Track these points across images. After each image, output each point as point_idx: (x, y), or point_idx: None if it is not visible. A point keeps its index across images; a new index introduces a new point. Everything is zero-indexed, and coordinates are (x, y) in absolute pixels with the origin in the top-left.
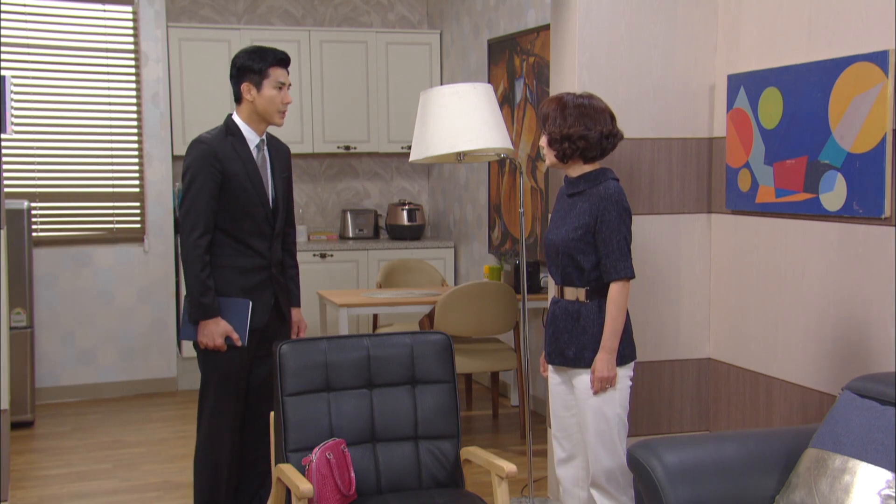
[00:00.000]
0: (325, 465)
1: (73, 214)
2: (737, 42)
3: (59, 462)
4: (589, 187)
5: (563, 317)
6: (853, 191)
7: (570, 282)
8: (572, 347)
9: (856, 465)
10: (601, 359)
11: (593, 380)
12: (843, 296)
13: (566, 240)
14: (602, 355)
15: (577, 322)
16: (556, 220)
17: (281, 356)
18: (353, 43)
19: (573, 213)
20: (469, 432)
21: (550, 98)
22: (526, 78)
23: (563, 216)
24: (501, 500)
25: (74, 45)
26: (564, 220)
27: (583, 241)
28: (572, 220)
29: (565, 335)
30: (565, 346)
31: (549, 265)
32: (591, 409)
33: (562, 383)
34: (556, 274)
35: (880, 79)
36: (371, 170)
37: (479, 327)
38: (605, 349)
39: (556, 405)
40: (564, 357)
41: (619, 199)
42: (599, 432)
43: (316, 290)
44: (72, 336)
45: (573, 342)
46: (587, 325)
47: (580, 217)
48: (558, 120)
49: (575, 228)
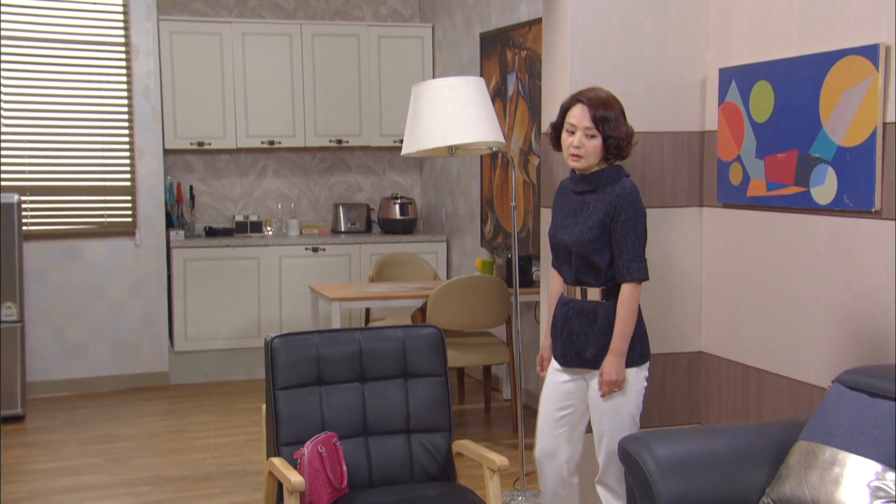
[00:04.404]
0: (317, 458)
1: (64, 208)
2: (728, 36)
3: (50, 456)
4: (604, 185)
5: (579, 318)
6: (844, 184)
7: (585, 282)
8: (590, 349)
9: (845, 457)
10: (610, 362)
11: (601, 383)
12: (833, 289)
13: (581, 240)
14: (611, 358)
15: (595, 323)
16: (563, 218)
17: (272, 350)
18: (344, 36)
19: (586, 212)
20: (461, 426)
21: (602, 97)
22: (518, 71)
23: (573, 215)
24: (493, 493)
25: (64, 37)
26: (576, 218)
27: (599, 240)
28: (586, 220)
29: (581, 337)
30: (582, 347)
31: (557, 264)
32: (608, 409)
33: (569, 382)
34: (568, 274)
35: (871, 72)
36: (363, 163)
37: (471, 321)
38: (615, 352)
39: (548, 399)
40: (582, 359)
41: (636, 197)
42: (613, 433)
43: (308, 284)
44: (62, 330)
45: (591, 343)
46: (606, 325)
47: (595, 216)
48: (620, 122)
49: (590, 228)
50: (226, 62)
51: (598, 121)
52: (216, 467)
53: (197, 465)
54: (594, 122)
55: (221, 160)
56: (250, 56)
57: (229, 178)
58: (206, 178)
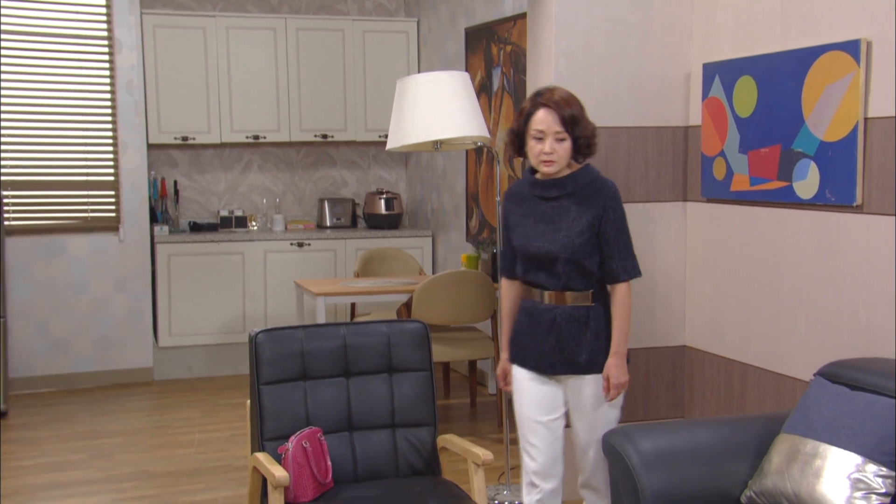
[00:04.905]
0: (302, 453)
1: (47, 203)
2: (712, 31)
3: (34, 452)
4: (580, 186)
5: (569, 324)
6: (826, 179)
7: (574, 287)
8: (583, 354)
9: (826, 449)
10: (615, 364)
11: (607, 387)
12: (815, 283)
13: (571, 246)
14: (615, 361)
15: (587, 328)
16: (532, 226)
17: (257, 345)
18: (329, 31)
19: (568, 217)
20: (447, 420)
21: (566, 97)
22: (503, 66)
23: (547, 221)
24: (478, 487)
25: (46, 31)
26: (554, 224)
27: (589, 244)
28: (572, 225)
29: (572, 342)
30: (574, 353)
31: (530, 274)
32: (601, 416)
33: (547, 386)
34: (552, 281)
35: (852, 67)
36: (348, 158)
37: (456, 316)
38: (618, 354)
39: (533, 409)
40: (574, 364)
41: (619, 196)
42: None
43: (293, 279)
44: (46, 326)
45: (583, 348)
46: (599, 329)
47: (583, 219)
48: (585, 119)
49: (580, 233)
50: (210, 56)
51: (568, 123)
52: (201, 463)
53: (181, 460)
54: (564, 126)
55: (206, 155)
56: (234, 50)
57: (214, 173)
58: (191, 172)
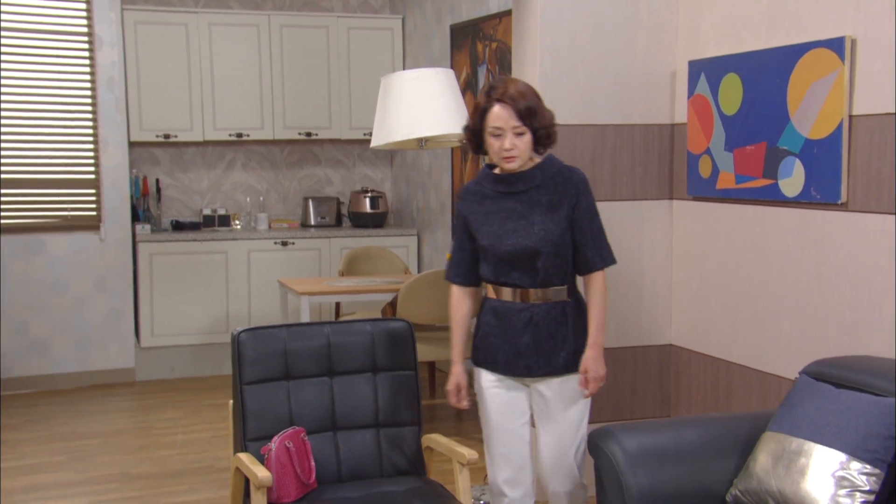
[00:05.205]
0: (285, 453)
1: (26, 201)
2: (698, 28)
3: (12, 455)
4: (548, 177)
5: (547, 321)
6: (811, 177)
7: (553, 282)
8: (561, 352)
9: (811, 447)
10: (592, 357)
11: (585, 381)
12: (800, 281)
13: (550, 240)
14: (592, 353)
15: (565, 323)
16: (500, 224)
17: (239, 344)
18: (313, 28)
19: (540, 210)
20: (432, 420)
21: (521, 89)
22: (489, 63)
23: (518, 217)
24: (463, 486)
25: (25, 26)
26: (526, 220)
27: (567, 235)
28: (545, 218)
29: (550, 341)
30: (551, 352)
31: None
32: (575, 416)
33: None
34: (527, 279)
35: (837, 65)
36: (333, 157)
37: (441, 315)
38: (596, 346)
39: (502, 419)
40: (552, 365)
41: (588, 182)
42: (575, 440)
43: (277, 279)
44: (25, 326)
45: (561, 347)
46: (577, 324)
47: (559, 211)
48: (542, 109)
49: (558, 224)
50: (192, 53)
51: (525, 116)
52: (183, 464)
53: (163, 462)
54: (521, 120)
55: (188, 153)
56: (217, 47)
57: (196, 171)
58: (173, 171)
